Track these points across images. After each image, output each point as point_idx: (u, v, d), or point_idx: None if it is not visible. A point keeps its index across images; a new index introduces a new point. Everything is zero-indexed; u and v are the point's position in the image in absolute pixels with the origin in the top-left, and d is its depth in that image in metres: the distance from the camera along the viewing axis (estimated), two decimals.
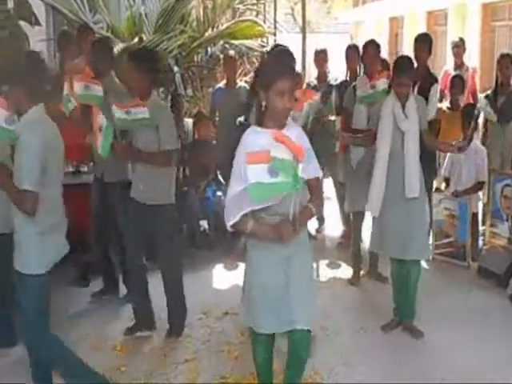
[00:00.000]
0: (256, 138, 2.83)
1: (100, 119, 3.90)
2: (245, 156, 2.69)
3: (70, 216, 4.81)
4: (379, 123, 4.25)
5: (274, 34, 10.52)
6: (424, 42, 5.78)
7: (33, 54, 3.90)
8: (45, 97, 3.26)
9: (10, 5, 6.78)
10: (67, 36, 5.85)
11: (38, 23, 6.93)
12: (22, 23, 6.60)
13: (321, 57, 6.50)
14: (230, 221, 2.85)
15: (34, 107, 3.12)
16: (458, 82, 6.34)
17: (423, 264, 4.65)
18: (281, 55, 2.91)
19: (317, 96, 4.98)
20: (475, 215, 5.67)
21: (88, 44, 5.46)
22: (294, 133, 2.88)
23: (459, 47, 7.64)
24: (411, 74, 4.30)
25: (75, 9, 7.21)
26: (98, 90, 4.27)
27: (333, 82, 6.24)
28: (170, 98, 7.05)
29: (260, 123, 2.91)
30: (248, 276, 3.15)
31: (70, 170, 5.19)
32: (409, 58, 4.57)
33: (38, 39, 7.66)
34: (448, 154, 5.85)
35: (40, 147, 3.01)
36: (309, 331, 2.97)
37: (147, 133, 4.01)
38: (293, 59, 4.23)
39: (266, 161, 2.63)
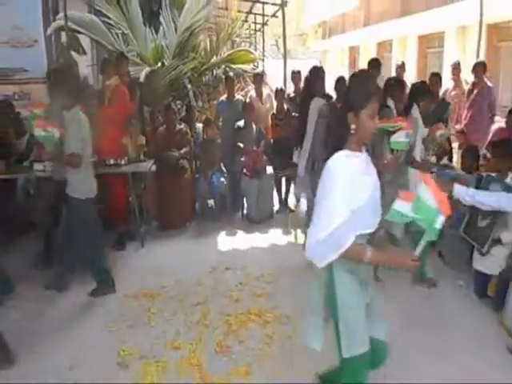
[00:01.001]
0: (353, 163, 2.12)
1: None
2: (400, 194, 2.09)
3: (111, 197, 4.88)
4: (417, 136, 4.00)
5: (263, 60, 10.48)
6: (374, 66, 5.74)
7: None
8: None
9: (64, 39, 6.76)
10: (107, 62, 5.78)
11: (84, 53, 6.90)
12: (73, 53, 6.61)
13: (296, 76, 6.47)
14: (341, 248, 2.05)
15: None
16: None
17: None
18: (367, 78, 2.34)
19: None
20: None
21: (124, 67, 5.41)
22: (367, 157, 2.25)
23: (401, 68, 7.61)
24: None
25: (113, 41, 7.18)
26: (53, 131, 3.70)
27: None
28: (185, 108, 7.01)
29: (340, 145, 2.17)
30: (344, 302, 2.20)
31: (112, 162, 5.07)
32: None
33: (85, 65, 7.63)
34: None
35: None
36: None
37: (65, 138, 3.77)
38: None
39: (411, 200, 2.09)
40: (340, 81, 5.77)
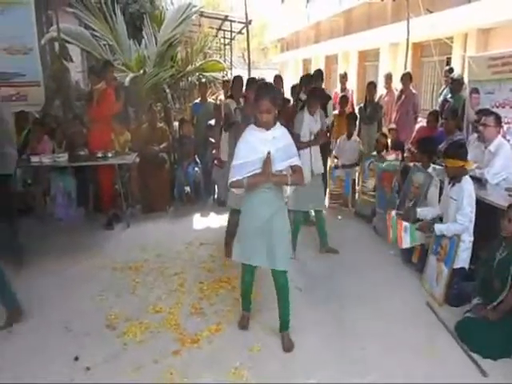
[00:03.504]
0: None
1: None
2: None
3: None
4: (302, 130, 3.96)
5: (231, 69, 10.34)
6: (318, 75, 5.68)
7: None
8: None
9: (57, 48, 6.49)
10: (94, 69, 5.53)
11: (71, 60, 6.66)
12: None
13: None
14: (232, 179, 2.53)
15: None
16: (343, 100, 6.36)
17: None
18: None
19: None
20: (354, 180, 5.70)
21: (111, 73, 5.15)
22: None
23: (344, 77, 7.51)
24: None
25: (101, 51, 6.92)
26: None
27: None
28: (164, 109, 6.87)
29: None
30: (241, 219, 2.69)
31: (100, 155, 4.86)
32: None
33: (76, 71, 7.36)
34: (338, 141, 5.83)
35: None
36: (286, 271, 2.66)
37: None
38: None
39: None
40: (295, 87, 5.78)
